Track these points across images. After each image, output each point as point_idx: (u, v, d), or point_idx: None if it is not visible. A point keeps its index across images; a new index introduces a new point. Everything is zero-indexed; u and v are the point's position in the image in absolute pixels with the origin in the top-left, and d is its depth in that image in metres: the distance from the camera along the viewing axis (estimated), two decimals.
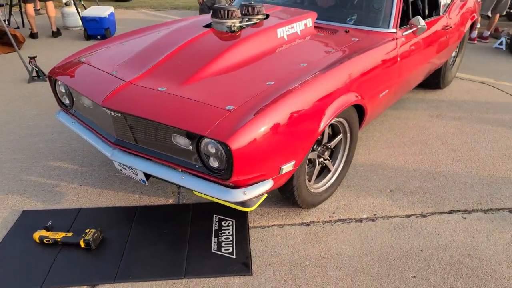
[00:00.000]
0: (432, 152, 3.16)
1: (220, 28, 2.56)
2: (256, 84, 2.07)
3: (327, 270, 2.06)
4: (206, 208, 2.47)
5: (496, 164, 3.02)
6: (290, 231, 2.31)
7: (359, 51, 2.53)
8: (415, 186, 2.73)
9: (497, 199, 2.62)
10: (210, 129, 1.77)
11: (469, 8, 4.31)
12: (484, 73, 5.03)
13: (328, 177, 2.52)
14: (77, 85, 2.28)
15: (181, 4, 9.42)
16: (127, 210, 2.47)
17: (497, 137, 3.42)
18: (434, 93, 4.33)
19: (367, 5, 3.13)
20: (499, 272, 2.07)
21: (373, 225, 2.37)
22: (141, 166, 2.06)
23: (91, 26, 6.23)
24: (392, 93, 2.87)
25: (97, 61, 2.48)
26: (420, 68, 3.28)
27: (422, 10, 3.54)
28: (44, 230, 2.18)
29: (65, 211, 2.43)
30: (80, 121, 2.45)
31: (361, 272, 2.05)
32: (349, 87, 2.31)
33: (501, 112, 3.91)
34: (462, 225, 2.39)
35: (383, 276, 2.03)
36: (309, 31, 2.79)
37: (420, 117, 3.77)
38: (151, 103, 1.97)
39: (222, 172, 1.85)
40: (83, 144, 3.18)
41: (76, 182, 2.72)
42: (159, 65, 2.23)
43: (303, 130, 2.02)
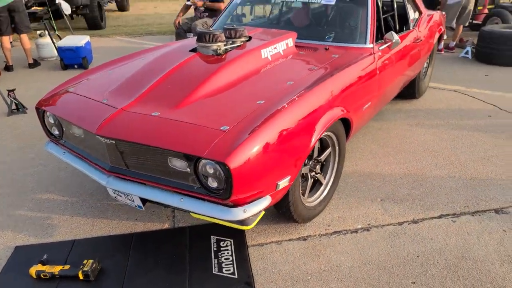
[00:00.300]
0: (416, 160, 3.28)
1: (206, 52, 2.62)
2: (247, 103, 2.12)
3: (329, 283, 2.09)
4: (203, 229, 2.48)
5: (477, 168, 3.15)
6: (289, 247, 2.34)
7: (341, 67, 2.64)
8: (404, 194, 2.82)
9: (482, 201, 2.73)
10: (208, 150, 1.80)
11: (435, 22, 4.54)
12: (454, 81, 5.27)
13: (320, 190, 2.58)
14: (68, 115, 2.28)
15: (155, 29, 9.49)
16: (122, 238, 2.44)
17: (475, 142, 3.58)
18: (411, 103, 4.50)
19: (343, 23, 3.27)
20: (493, 272, 2.14)
21: (369, 235, 2.43)
22: (139, 192, 2.07)
23: (68, 56, 6.20)
24: (374, 105, 2.98)
25: (85, 90, 2.49)
26: (397, 79, 3.42)
27: (394, 25, 3.71)
28: (40, 264, 2.13)
29: (59, 243, 2.39)
30: (71, 151, 2.44)
31: (363, 282, 2.09)
32: (335, 102, 2.39)
33: (475, 118, 4.09)
34: (453, 229, 2.47)
35: (384, 285, 2.07)
36: (291, 50, 2.89)
37: (400, 126, 3.90)
38: (146, 128, 2.00)
39: (221, 191, 1.87)
40: (71, 174, 3.14)
41: (67, 214, 2.68)
42: (150, 91, 2.26)
43: (296, 145, 2.07)
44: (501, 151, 3.40)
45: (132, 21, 11.06)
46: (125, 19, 11.49)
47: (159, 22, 10.67)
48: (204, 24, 5.79)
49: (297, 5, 3.65)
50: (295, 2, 3.56)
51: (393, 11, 3.65)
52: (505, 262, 2.20)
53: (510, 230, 2.45)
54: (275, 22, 3.87)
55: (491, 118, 4.09)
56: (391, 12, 3.66)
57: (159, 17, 11.56)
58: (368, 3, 3.10)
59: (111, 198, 2.81)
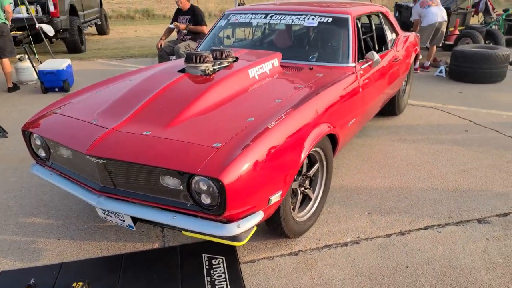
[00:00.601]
0: (400, 174, 3.37)
1: (195, 72, 2.67)
2: (238, 121, 2.17)
3: None
4: (194, 248, 2.47)
5: (458, 180, 3.26)
6: (281, 262, 2.35)
7: (326, 85, 2.73)
8: (390, 207, 2.88)
9: (465, 212, 2.82)
10: (201, 167, 1.83)
11: (411, 42, 4.74)
12: (431, 98, 5.47)
13: (310, 205, 2.61)
14: (57, 136, 2.27)
15: (137, 52, 9.53)
16: (112, 259, 2.40)
17: (454, 155, 3.70)
18: (391, 119, 4.64)
19: (326, 43, 3.40)
20: (480, 279, 2.20)
21: (358, 248, 2.46)
22: (131, 211, 2.06)
23: (49, 79, 6.15)
24: (358, 121, 3.07)
25: (73, 112, 2.49)
26: (378, 97, 3.54)
27: (373, 45, 3.87)
28: None
29: (46, 267, 2.33)
30: (58, 172, 2.41)
31: None
32: (322, 118, 2.46)
33: (453, 133, 4.25)
34: (439, 239, 2.54)
35: None
36: (276, 70, 2.97)
37: (383, 142, 4.01)
38: (138, 147, 2.01)
39: (214, 208, 1.89)
40: (56, 197, 3.08)
41: (53, 237, 2.62)
42: (140, 110, 2.28)
43: (286, 161, 2.12)
44: (479, 163, 3.54)
45: (112, 44, 11.07)
46: (106, 42, 11.49)
47: (140, 45, 10.72)
48: (187, 46, 5.87)
49: (280, 27, 3.76)
50: (278, 24, 3.67)
51: (371, 32, 3.80)
52: (491, 270, 2.27)
53: (493, 238, 2.53)
54: (259, 44, 3.98)
55: (468, 132, 4.25)
56: (370, 33, 3.81)
57: (140, 40, 11.62)
58: (349, 24, 3.23)
59: (99, 220, 2.78)
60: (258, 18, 3.60)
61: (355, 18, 3.34)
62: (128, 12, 18.42)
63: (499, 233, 2.59)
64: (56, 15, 8.50)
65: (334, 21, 3.30)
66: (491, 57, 5.98)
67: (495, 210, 2.83)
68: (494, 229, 2.62)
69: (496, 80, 6.17)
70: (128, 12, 18.42)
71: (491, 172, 3.38)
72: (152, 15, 18.42)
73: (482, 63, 6.02)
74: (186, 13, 6.18)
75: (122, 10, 18.65)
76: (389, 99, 4.20)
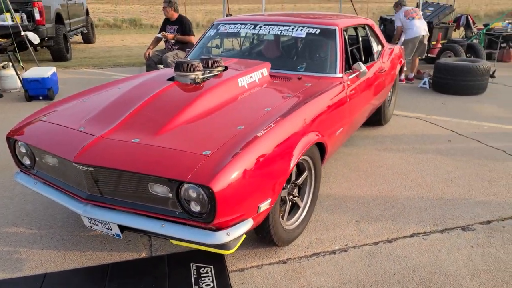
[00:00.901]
0: (386, 182, 3.41)
1: (184, 81, 2.67)
2: (228, 129, 2.18)
3: None
4: (181, 257, 2.44)
5: (442, 188, 3.32)
6: (270, 270, 2.34)
7: (314, 95, 2.76)
8: (377, 215, 2.91)
9: (449, 219, 2.86)
10: (191, 174, 1.82)
11: (396, 54, 4.84)
12: (415, 109, 5.57)
13: (298, 213, 2.62)
14: (43, 144, 2.24)
15: (124, 61, 9.48)
16: (98, 269, 2.36)
17: (438, 165, 3.77)
18: (377, 129, 4.71)
19: (314, 54, 3.45)
20: (465, 286, 2.23)
21: (346, 255, 2.48)
22: (118, 219, 2.04)
23: (33, 87, 6.06)
24: (346, 130, 3.11)
25: (60, 119, 2.46)
26: (365, 107, 3.59)
27: (359, 57, 3.94)
28: None
29: (29, 278, 2.28)
30: (43, 180, 2.38)
31: None
32: (310, 127, 2.49)
33: (437, 143, 4.33)
34: (424, 246, 2.57)
35: None
36: (265, 79, 3.00)
37: (369, 151, 4.07)
38: (127, 154, 2.00)
39: (204, 215, 1.88)
40: (39, 206, 3.03)
41: (36, 247, 2.57)
42: (129, 118, 2.27)
43: (276, 169, 2.13)
44: (462, 172, 3.61)
45: (99, 53, 11.00)
46: (92, 51, 11.41)
47: (127, 54, 10.68)
48: (175, 56, 5.88)
49: (269, 38, 3.81)
50: (267, 34, 3.71)
51: (358, 44, 3.88)
52: (475, 276, 2.30)
53: (477, 245, 2.58)
54: (247, 54, 4.01)
55: (451, 142, 4.34)
56: (356, 45, 3.88)
57: (126, 49, 11.57)
58: (336, 36, 3.29)
59: (84, 229, 2.74)
60: (247, 28, 3.64)
61: (342, 30, 3.41)
62: (115, 21, 18.35)
63: (483, 240, 2.63)
64: (42, 23, 8.42)
65: (322, 33, 3.36)
66: (472, 70, 6.14)
67: (479, 218, 2.89)
68: (478, 237, 2.67)
69: (478, 92, 6.33)
70: (115, 21, 18.35)
71: (474, 181, 3.45)
72: (139, 24, 18.38)
73: (463, 76, 6.18)
74: (174, 23, 6.19)
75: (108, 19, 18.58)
76: (375, 109, 4.27)
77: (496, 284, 2.24)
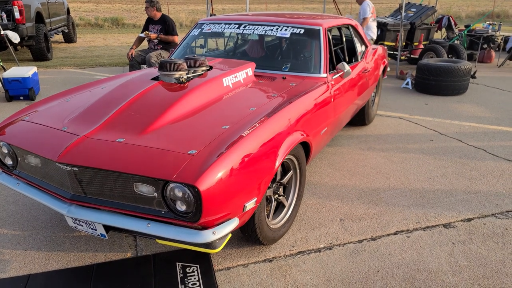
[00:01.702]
0: (370, 181, 3.46)
1: (169, 80, 2.67)
2: (213, 128, 2.18)
3: None
4: (167, 257, 2.44)
5: (425, 187, 3.38)
6: (255, 269, 2.36)
7: (299, 95, 2.78)
8: (361, 213, 2.95)
9: (431, 217, 2.92)
10: (177, 174, 1.82)
11: (379, 55, 4.91)
12: (398, 109, 5.66)
13: (284, 212, 2.64)
14: (25, 144, 2.20)
15: (106, 61, 9.37)
16: (82, 269, 2.34)
17: (421, 164, 3.84)
18: (361, 129, 4.77)
19: (298, 54, 3.47)
20: (447, 282, 2.29)
21: (331, 253, 2.51)
22: (103, 219, 2.02)
23: (14, 87, 5.94)
24: (330, 130, 3.15)
25: (42, 119, 2.42)
26: (349, 106, 3.64)
27: (343, 57, 3.98)
28: None
29: (12, 279, 2.24)
30: (26, 181, 2.34)
31: None
32: (295, 126, 2.51)
33: (420, 142, 4.41)
34: (407, 243, 2.62)
35: None
36: (250, 79, 3.01)
37: (353, 151, 4.12)
38: (111, 154, 1.98)
39: (190, 214, 1.88)
40: (22, 208, 2.98)
41: (20, 248, 2.52)
42: (113, 118, 2.25)
43: (261, 168, 2.14)
44: (444, 171, 3.68)
45: (80, 52, 10.84)
46: (73, 50, 11.24)
47: (110, 54, 10.55)
48: (158, 56, 5.85)
49: (253, 37, 3.82)
50: (251, 34, 3.72)
51: (342, 44, 3.92)
52: (457, 272, 2.36)
53: (458, 242, 2.64)
54: (232, 54, 4.02)
55: (433, 142, 4.43)
56: (340, 45, 3.93)
57: (109, 49, 11.44)
58: (320, 36, 3.33)
59: (68, 230, 2.70)
60: (232, 28, 3.65)
61: (326, 30, 3.44)
62: (97, 21, 18.11)
63: (464, 237, 2.70)
64: (22, 22, 8.26)
65: (306, 33, 3.39)
66: (454, 71, 6.28)
67: (460, 215, 2.95)
68: (459, 234, 2.73)
69: (459, 92, 6.47)
70: (97, 21, 18.11)
71: (455, 179, 3.53)
72: (121, 24, 18.19)
73: (445, 76, 6.30)
74: (157, 23, 6.16)
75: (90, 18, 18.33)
76: (359, 109, 4.32)
77: (477, 279, 2.30)
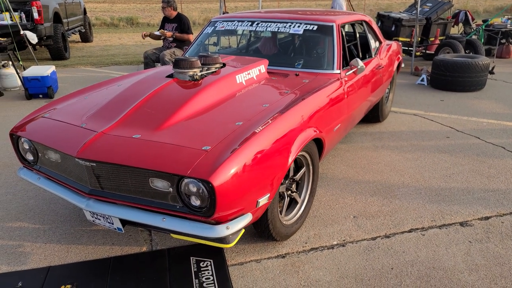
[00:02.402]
0: (384, 179, 3.44)
1: (183, 77, 2.70)
2: (226, 125, 2.21)
3: None
4: (181, 251, 2.48)
5: (440, 184, 3.35)
6: (268, 265, 2.38)
7: (312, 91, 2.79)
8: (375, 211, 2.94)
9: (447, 215, 2.90)
10: (191, 169, 1.85)
11: (394, 51, 4.87)
12: (413, 106, 5.60)
13: (296, 209, 2.65)
14: (46, 140, 2.27)
15: (121, 60, 9.49)
16: (100, 262, 2.40)
17: (436, 161, 3.80)
18: (375, 126, 4.74)
19: (311, 51, 3.47)
20: (463, 280, 2.26)
21: (344, 250, 2.51)
22: (120, 213, 2.06)
23: (33, 86, 6.09)
24: (343, 126, 3.14)
25: (61, 116, 2.49)
26: (362, 103, 3.62)
27: (357, 53, 3.96)
28: None
29: (34, 271, 2.31)
30: (46, 176, 2.40)
31: None
32: (308, 123, 2.51)
33: (435, 139, 4.36)
34: (422, 241, 2.60)
35: None
36: (263, 76, 3.02)
37: (367, 148, 4.10)
38: (128, 150, 2.02)
39: (204, 209, 1.91)
40: (42, 202, 3.06)
41: (40, 241, 2.60)
42: (129, 114, 2.30)
43: (274, 165, 2.16)
44: (461, 169, 3.64)
45: (96, 51, 11.02)
46: (89, 49, 11.43)
47: (125, 52, 10.70)
48: (172, 54, 5.90)
49: (266, 35, 3.83)
50: (264, 31, 3.73)
51: (355, 40, 3.90)
52: (473, 271, 2.33)
53: (475, 241, 2.61)
54: (245, 51, 4.03)
55: (450, 139, 4.37)
56: (354, 41, 3.91)
57: (124, 48, 11.59)
58: (333, 32, 3.32)
59: (86, 224, 2.77)
60: (245, 25, 3.66)
61: (340, 26, 3.43)
62: (112, 20, 18.34)
63: (481, 236, 2.66)
64: (40, 22, 8.44)
65: (319, 29, 3.38)
66: (471, 66, 6.17)
67: (477, 214, 2.92)
68: (476, 232, 2.70)
69: (476, 89, 6.36)
70: (112, 20, 18.34)
71: (473, 177, 3.48)
72: (136, 23, 18.38)
73: (462, 72, 6.20)
74: (173, 21, 6.22)
75: (105, 18, 18.57)
76: (373, 105, 4.29)
77: (494, 278, 2.27)
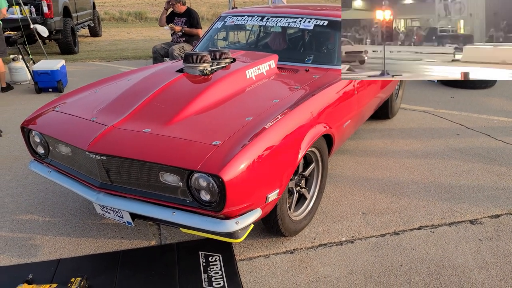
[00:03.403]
0: (393, 175, 3.42)
1: (193, 72, 2.70)
2: (237, 120, 2.20)
3: None
4: (190, 246, 2.49)
5: (450, 182, 3.32)
6: (277, 260, 2.38)
7: (322, 87, 2.77)
8: (384, 208, 2.93)
9: (457, 213, 2.87)
10: (201, 164, 1.86)
11: None
12: (423, 103, 5.55)
13: (305, 205, 2.65)
14: (57, 133, 2.28)
15: (130, 54, 9.52)
16: (109, 255, 2.41)
17: (446, 158, 3.77)
18: (385, 123, 4.71)
19: (321, 46, 3.45)
20: (473, 278, 2.25)
21: (353, 247, 2.50)
22: (130, 207, 2.08)
23: (43, 79, 6.13)
24: (353, 123, 3.12)
25: (72, 109, 2.50)
26: (372, 99, 3.60)
27: None
28: (26, 284, 2.08)
29: (44, 263, 2.34)
30: (57, 169, 2.42)
31: None
32: (318, 119, 2.50)
33: (445, 136, 4.32)
34: (432, 239, 2.58)
35: None
36: (273, 71, 3.01)
37: (376, 145, 4.07)
38: (138, 144, 2.03)
39: (214, 204, 1.91)
40: (52, 195, 3.09)
41: (50, 234, 2.62)
42: (140, 109, 2.30)
43: (284, 160, 2.16)
44: (470, 166, 3.60)
45: (105, 46, 11.06)
46: (98, 44, 11.48)
47: (133, 47, 10.72)
48: (181, 49, 5.90)
49: (276, 30, 3.81)
50: (274, 27, 3.72)
51: None
52: (483, 269, 2.32)
53: (485, 239, 2.59)
54: (254, 46, 4.02)
55: (460, 136, 4.33)
56: None
57: (133, 43, 11.62)
58: None
59: (96, 217, 2.79)
60: (255, 20, 3.65)
61: None
62: (121, 15, 18.38)
63: (492, 234, 2.64)
64: (50, 16, 8.49)
65: (330, 24, 3.35)
66: None
67: (487, 212, 2.89)
68: (486, 230, 2.68)
69: (487, 86, 6.27)
70: (121, 15, 18.38)
71: (483, 174, 3.45)
72: (144, 17, 18.40)
73: None
74: (183, 16, 6.22)
75: (114, 13, 18.60)
76: (383, 102, 4.26)
77: (505, 276, 2.26)
